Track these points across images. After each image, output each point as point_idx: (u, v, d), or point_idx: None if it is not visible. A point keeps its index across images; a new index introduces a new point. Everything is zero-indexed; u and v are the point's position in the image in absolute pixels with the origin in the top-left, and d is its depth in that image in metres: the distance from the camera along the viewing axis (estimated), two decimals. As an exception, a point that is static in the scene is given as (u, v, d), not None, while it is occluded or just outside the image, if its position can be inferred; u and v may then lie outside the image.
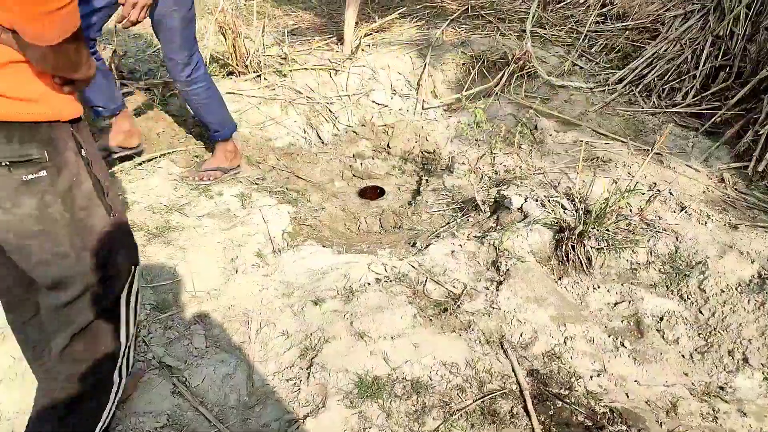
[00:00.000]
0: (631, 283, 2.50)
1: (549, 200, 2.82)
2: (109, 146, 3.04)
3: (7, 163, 1.18)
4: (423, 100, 4.18)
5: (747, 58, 3.72)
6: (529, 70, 4.17)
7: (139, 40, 4.75)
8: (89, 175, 1.31)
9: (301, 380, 2.08)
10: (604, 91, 4.02)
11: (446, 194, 3.29)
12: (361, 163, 3.91)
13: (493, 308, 2.35)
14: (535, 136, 3.53)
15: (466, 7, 5.10)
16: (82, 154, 1.29)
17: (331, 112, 4.09)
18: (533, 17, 4.68)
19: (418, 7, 5.26)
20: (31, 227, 1.25)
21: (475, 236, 2.76)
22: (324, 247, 2.82)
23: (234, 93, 3.92)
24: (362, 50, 4.38)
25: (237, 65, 4.09)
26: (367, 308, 2.33)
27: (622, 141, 3.40)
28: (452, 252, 2.66)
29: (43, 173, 1.22)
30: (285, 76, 4.12)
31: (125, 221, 1.46)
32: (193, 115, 3.66)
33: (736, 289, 2.39)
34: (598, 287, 2.49)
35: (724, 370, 2.16)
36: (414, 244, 2.87)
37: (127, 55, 4.30)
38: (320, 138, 3.93)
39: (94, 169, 1.33)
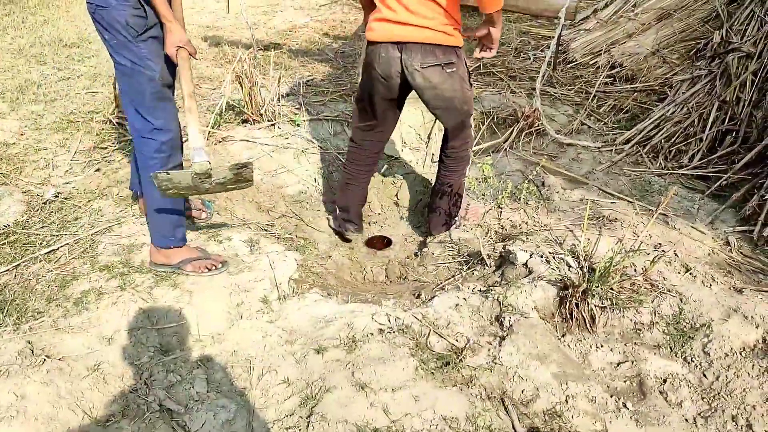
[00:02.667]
0: (635, 344, 2.49)
1: (554, 257, 2.84)
2: None
3: (442, 65, 2.71)
4: (432, 154, 4.24)
5: (753, 124, 3.78)
6: (538, 127, 4.25)
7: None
8: (466, 68, 2.87)
9: (300, 429, 2.07)
10: (611, 150, 4.07)
11: (452, 247, 3.31)
12: (370, 213, 3.95)
13: (496, 363, 2.35)
14: (542, 192, 3.57)
15: (478, 64, 5.22)
16: (464, 59, 2.84)
17: (342, 162, 4.16)
18: (543, 76, 4.79)
19: (431, 62, 5.38)
20: (449, 94, 2.82)
21: (480, 290, 2.77)
22: (329, 295, 2.84)
23: (248, 140, 4.01)
24: (375, 103, 4.47)
25: (252, 113, 4.19)
26: (369, 359, 2.34)
27: (628, 200, 3.44)
28: (456, 305, 2.67)
29: (454, 68, 2.76)
30: (299, 125, 4.22)
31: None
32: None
33: (741, 354, 2.38)
34: (601, 346, 2.49)
35: (728, 436, 2.14)
36: (419, 296, 2.89)
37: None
38: (331, 187, 3.98)
39: (467, 67, 2.88)
